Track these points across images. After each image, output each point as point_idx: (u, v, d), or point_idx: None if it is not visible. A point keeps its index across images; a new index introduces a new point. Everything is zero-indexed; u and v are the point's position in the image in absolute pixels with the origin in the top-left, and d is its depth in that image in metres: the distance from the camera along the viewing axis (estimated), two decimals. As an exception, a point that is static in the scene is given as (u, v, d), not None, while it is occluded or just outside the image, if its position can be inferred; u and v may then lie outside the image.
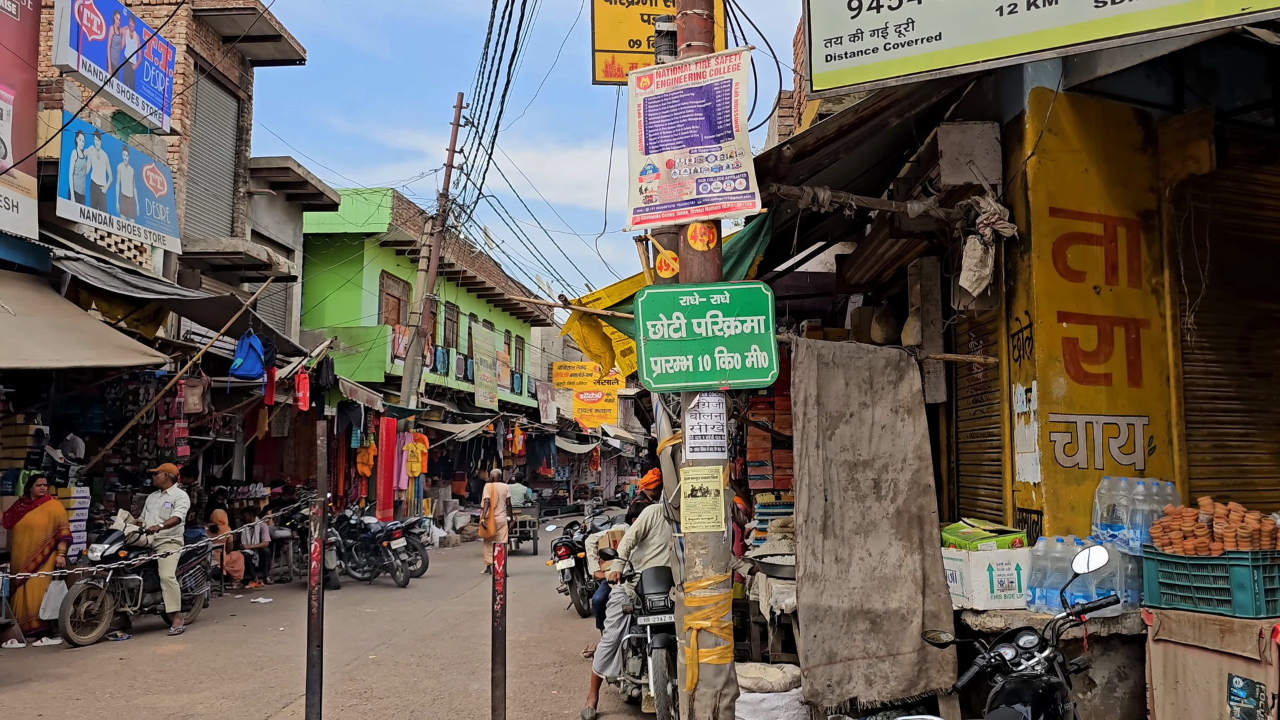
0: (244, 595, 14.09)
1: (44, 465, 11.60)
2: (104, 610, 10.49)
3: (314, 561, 5.77)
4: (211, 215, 18.36)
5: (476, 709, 7.33)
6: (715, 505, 4.76)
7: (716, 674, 4.67)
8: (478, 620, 11.67)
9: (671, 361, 4.85)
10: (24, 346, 10.18)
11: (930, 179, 6.32)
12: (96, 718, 7.01)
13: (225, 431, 16.02)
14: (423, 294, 22.82)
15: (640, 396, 16.74)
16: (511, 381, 33.77)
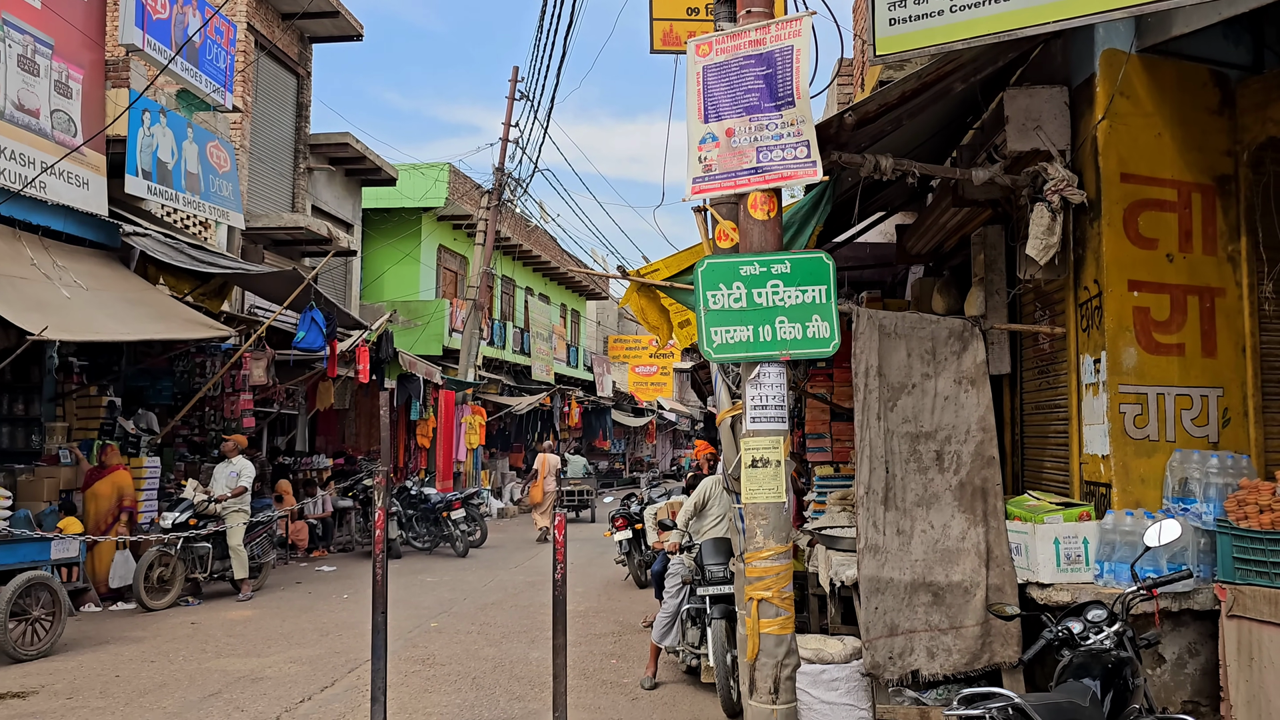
0: (308, 564, 14.40)
1: (116, 436, 11.93)
2: (175, 576, 10.80)
3: (378, 529, 5.87)
4: (273, 191, 18.64)
5: (537, 676, 7.42)
6: (776, 476, 4.74)
7: (778, 644, 4.67)
8: (536, 590, 11.80)
9: (732, 331, 4.82)
10: (96, 320, 10.45)
11: (995, 145, 6.18)
12: (170, 679, 7.23)
13: (289, 404, 16.32)
14: (479, 268, 22.97)
15: (697, 369, 16.72)
16: (567, 355, 33.92)
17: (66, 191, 11.02)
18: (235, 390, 13.77)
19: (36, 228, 10.90)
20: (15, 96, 10.38)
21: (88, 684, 7.09)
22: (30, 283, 10.18)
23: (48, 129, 10.84)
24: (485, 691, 6.98)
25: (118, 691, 6.86)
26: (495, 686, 7.12)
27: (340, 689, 6.99)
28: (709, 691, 6.97)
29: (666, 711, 6.55)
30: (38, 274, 10.42)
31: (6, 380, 11.77)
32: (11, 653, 7.79)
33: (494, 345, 26.25)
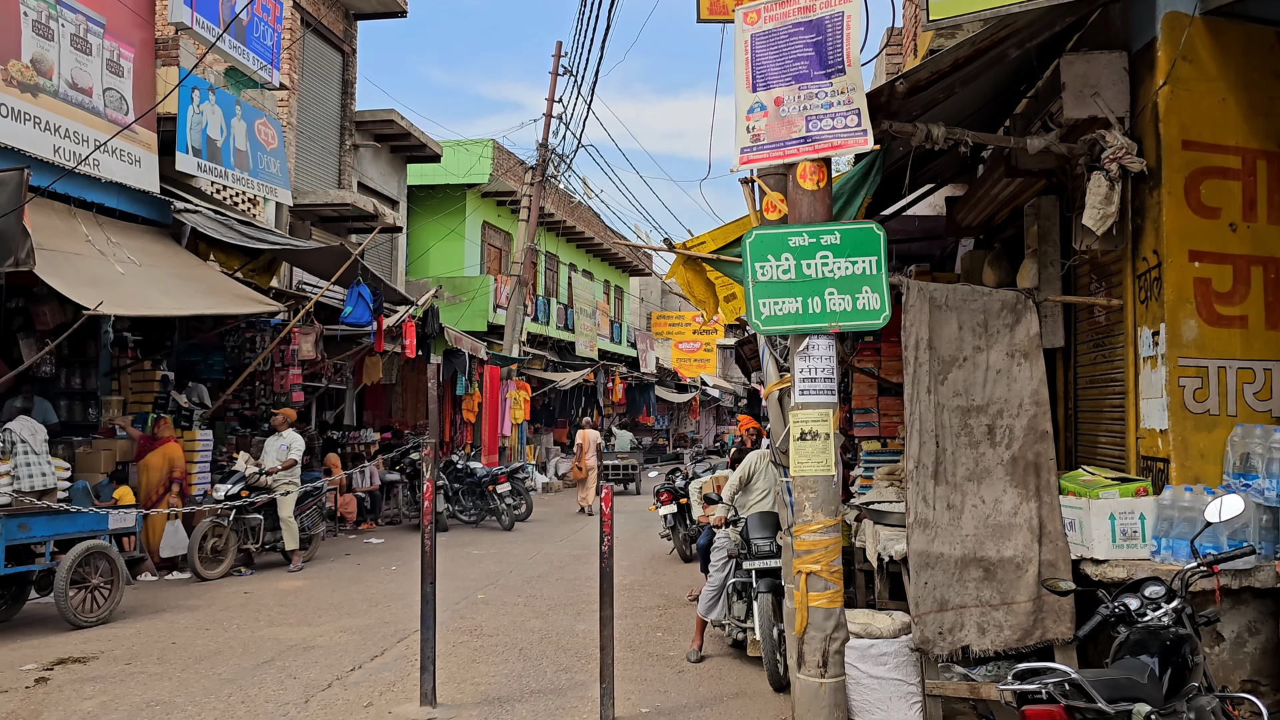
0: (357, 536, 14.61)
1: (169, 409, 12.15)
2: (228, 547, 11.01)
3: (426, 501, 5.92)
4: (319, 168, 18.79)
5: (583, 648, 7.47)
6: (825, 449, 4.69)
7: (826, 618, 4.64)
8: (581, 563, 11.87)
9: (780, 303, 4.77)
10: (149, 296, 10.62)
11: (1051, 114, 6.04)
12: (225, 646, 7.38)
13: (337, 378, 16.52)
14: (524, 244, 23.02)
15: (741, 345, 16.64)
16: (611, 331, 33.95)
17: (119, 169, 11.19)
18: (284, 365, 13.95)
19: (91, 205, 11.09)
20: (69, 75, 10.54)
21: (145, 650, 7.26)
22: (85, 259, 10.36)
23: (100, 107, 11.00)
24: (532, 662, 7.04)
25: (174, 658, 7.01)
26: (542, 657, 7.18)
27: (390, 658, 7.09)
28: (755, 665, 6.97)
29: (712, 685, 6.55)
30: (92, 250, 10.61)
31: (64, 355, 12.03)
32: (72, 619, 7.99)
33: (538, 321, 26.35)
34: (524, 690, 6.30)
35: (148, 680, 6.39)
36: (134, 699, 5.95)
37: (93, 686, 6.23)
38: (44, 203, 10.40)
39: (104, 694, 6.06)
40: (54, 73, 10.34)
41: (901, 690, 5.47)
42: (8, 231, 9.22)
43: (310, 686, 6.26)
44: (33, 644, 7.50)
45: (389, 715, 5.69)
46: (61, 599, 7.90)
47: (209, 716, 5.63)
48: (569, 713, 5.84)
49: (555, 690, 6.32)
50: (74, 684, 6.31)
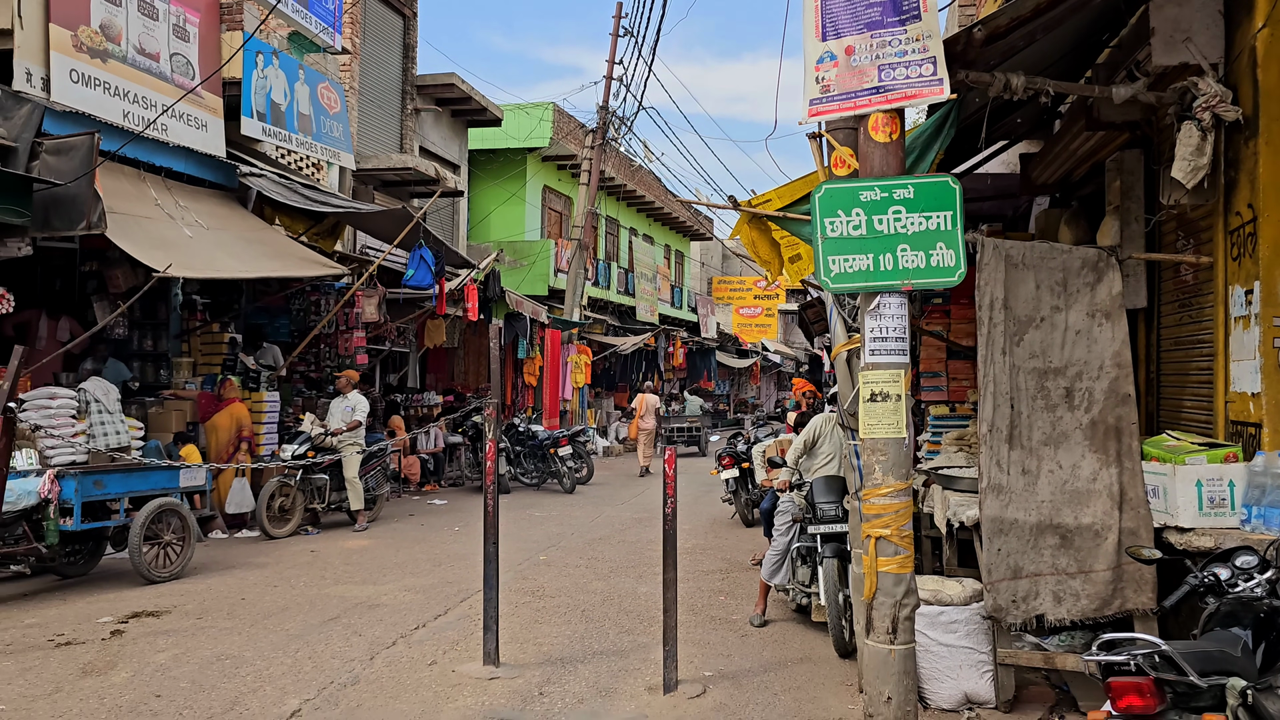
0: (420, 497, 14.78)
1: (237, 371, 12.35)
2: (295, 506, 11.19)
3: (488, 461, 5.90)
4: (381, 132, 18.86)
5: (645, 610, 7.44)
6: (896, 410, 4.55)
7: (896, 583, 4.52)
8: (643, 526, 11.85)
9: (851, 260, 4.62)
10: (216, 259, 10.75)
11: (1137, 61, 5.74)
12: (292, 603, 7.49)
13: (400, 342, 16.66)
14: (584, 208, 22.93)
15: (805, 309, 16.41)
16: (672, 295, 33.78)
17: (186, 133, 11.31)
18: (349, 328, 14.09)
19: (160, 169, 11.23)
20: (136, 41, 10.65)
21: (215, 605, 7.40)
22: (154, 222, 10.51)
23: (167, 72, 11.10)
24: (594, 624, 7.03)
25: (243, 613, 7.13)
26: (604, 619, 7.16)
27: (453, 617, 7.13)
28: (819, 630, 6.87)
29: (776, 649, 6.48)
30: (161, 214, 10.76)
31: (136, 318, 12.27)
32: (146, 574, 8.18)
33: (598, 286, 26.29)
34: (586, 651, 6.29)
35: (218, 634, 6.51)
36: (205, 652, 6.06)
37: (165, 639, 6.36)
38: (114, 167, 10.55)
39: (176, 647, 6.18)
40: (122, 38, 10.45)
41: (972, 658, 5.35)
42: (80, 195, 9.37)
43: (375, 644, 6.32)
44: (109, 597, 7.69)
45: (452, 673, 5.71)
46: (136, 554, 8.09)
47: (276, 670, 5.71)
48: (631, 674, 5.81)
49: (617, 652, 6.29)
50: (147, 636, 6.44)
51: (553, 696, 5.36)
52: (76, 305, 11.88)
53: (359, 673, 5.69)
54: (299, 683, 5.49)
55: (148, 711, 4.99)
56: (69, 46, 9.72)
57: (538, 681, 5.60)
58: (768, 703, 5.37)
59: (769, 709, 5.28)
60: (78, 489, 7.81)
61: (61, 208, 9.38)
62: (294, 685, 5.44)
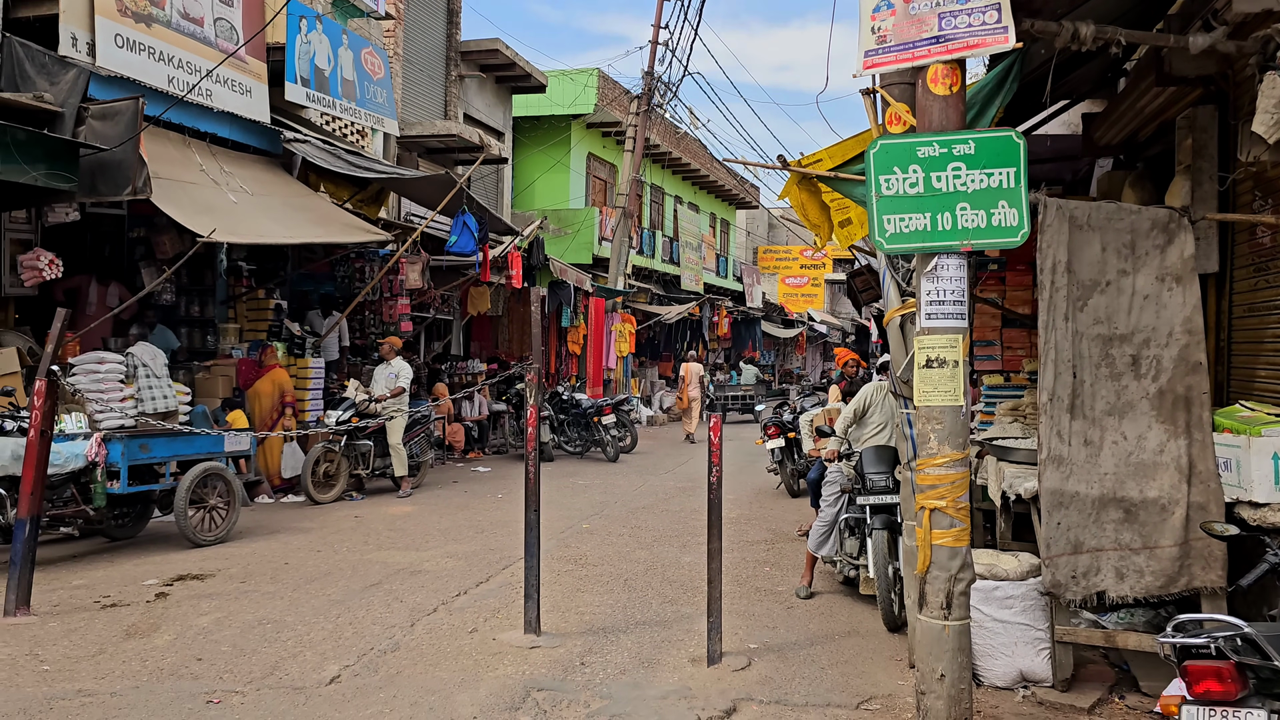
0: (464, 464, 14.79)
1: (283, 337, 12.38)
2: (340, 472, 11.22)
3: (530, 427, 5.78)
4: (425, 99, 18.76)
5: (689, 580, 7.32)
6: (953, 377, 4.35)
7: (951, 557, 4.33)
8: (687, 496, 11.73)
9: (907, 220, 4.40)
10: (261, 224, 10.74)
11: (1214, 10, 5.42)
12: (335, 568, 7.47)
13: (443, 309, 16.63)
14: (629, 175, 22.69)
15: (853, 277, 16.08)
16: (716, 265, 33.47)
17: (231, 99, 11.28)
18: (393, 295, 14.07)
19: (204, 135, 11.22)
20: (180, 5, 10.60)
21: (259, 569, 7.40)
22: (200, 188, 10.51)
23: (211, 37, 11.05)
24: (637, 593, 6.92)
25: (287, 578, 7.13)
26: (647, 589, 7.06)
27: (495, 585, 7.07)
28: (867, 603, 6.71)
29: (823, 622, 6.33)
30: (206, 179, 10.75)
31: (183, 284, 12.34)
32: (191, 538, 8.22)
33: (643, 254, 26.09)
34: (628, 621, 6.18)
35: (261, 598, 6.50)
36: (247, 616, 6.05)
37: (209, 603, 6.37)
38: (159, 132, 10.55)
39: (219, 610, 6.18)
40: (166, 3, 10.40)
41: (1028, 635, 5.16)
42: (125, 160, 9.37)
43: (416, 610, 6.27)
44: (155, 560, 7.73)
45: (493, 641, 5.64)
46: (181, 518, 8.13)
47: (318, 635, 5.68)
48: (674, 645, 5.70)
49: (660, 622, 6.19)
50: (191, 600, 6.46)
51: (594, 667, 5.26)
52: (125, 271, 11.96)
53: (399, 639, 5.64)
54: (339, 648, 5.45)
55: (188, 674, 4.98)
56: (114, 11, 9.68)
57: (579, 651, 5.51)
58: (814, 677, 5.23)
59: (815, 683, 5.14)
60: (124, 452, 7.84)
61: (107, 173, 9.39)
62: (334, 650, 5.40)
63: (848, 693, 5.01)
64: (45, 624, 5.85)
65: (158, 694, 4.71)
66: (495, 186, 21.81)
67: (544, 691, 4.86)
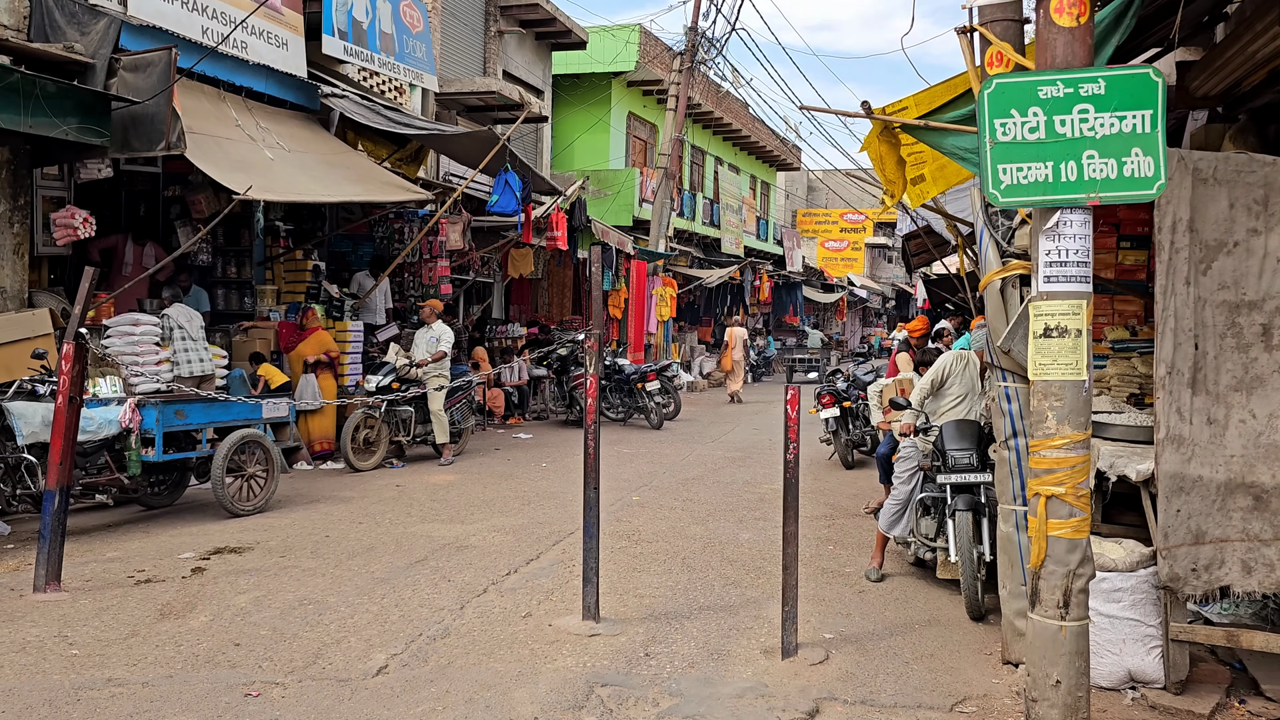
0: (505, 430, 14.45)
1: (321, 299, 12.04)
2: (380, 439, 10.90)
3: (589, 398, 5.36)
4: (464, 55, 18.27)
5: (749, 559, 6.91)
6: (1075, 348, 3.85)
7: (1070, 550, 3.87)
8: (737, 466, 11.31)
9: (1025, 170, 3.89)
10: (298, 182, 10.35)
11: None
12: (378, 542, 7.13)
13: (484, 271, 16.23)
14: (670, 135, 22.08)
15: (908, 240, 15.48)
16: (757, 227, 32.81)
17: (267, 51, 10.86)
18: (433, 257, 13.69)
19: (240, 89, 10.83)
20: (214, -49, 10.16)
21: (299, 543, 7.08)
22: (235, 143, 10.13)
23: (246, -15, 10.62)
24: (697, 574, 6.52)
25: (328, 552, 6.79)
26: (707, 569, 6.65)
27: (546, 562, 6.69)
28: (944, 588, 6.27)
29: (900, 609, 5.89)
30: (242, 135, 10.36)
31: (220, 244, 12.02)
32: (230, 507, 7.91)
33: (683, 217, 25.50)
34: (691, 606, 5.78)
35: (301, 575, 6.16)
36: (287, 595, 5.71)
37: (247, 580, 6.03)
38: (194, 86, 10.17)
39: (258, 588, 5.85)
40: (199, -52, 9.97)
41: (1138, 632, 4.68)
42: (158, 114, 9.00)
43: (465, 591, 5.90)
44: (191, 531, 7.43)
45: (549, 628, 5.25)
46: (218, 486, 7.82)
47: (362, 619, 5.32)
48: (744, 634, 5.29)
49: (726, 607, 5.78)
50: (229, 576, 6.13)
51: (660, 658, 4.86)
52: (160, 231, 11.64)
53: (449, 624, 5.27)
54: (385, 634, 5.09)
55: (225, 662, 4.63)
56: (145, -44, 9.27)
57: (642, 640, 5.11)
58: (899, 673, 4.80)
59: (901, 680, 4.71)
60: (159, 419, 7.51)
61: (140, 127, 9.04)
62: (380, 637, 5.04)
63: (938, 692, 4.58)
64: (76, 601, 5.54)
65: (193, 684, 4.37)
66: (534, 147, 21.31)
67: (608, 687, 4.47)
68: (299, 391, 10.85)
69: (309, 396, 10.87)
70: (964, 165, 5.50)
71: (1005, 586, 4.93)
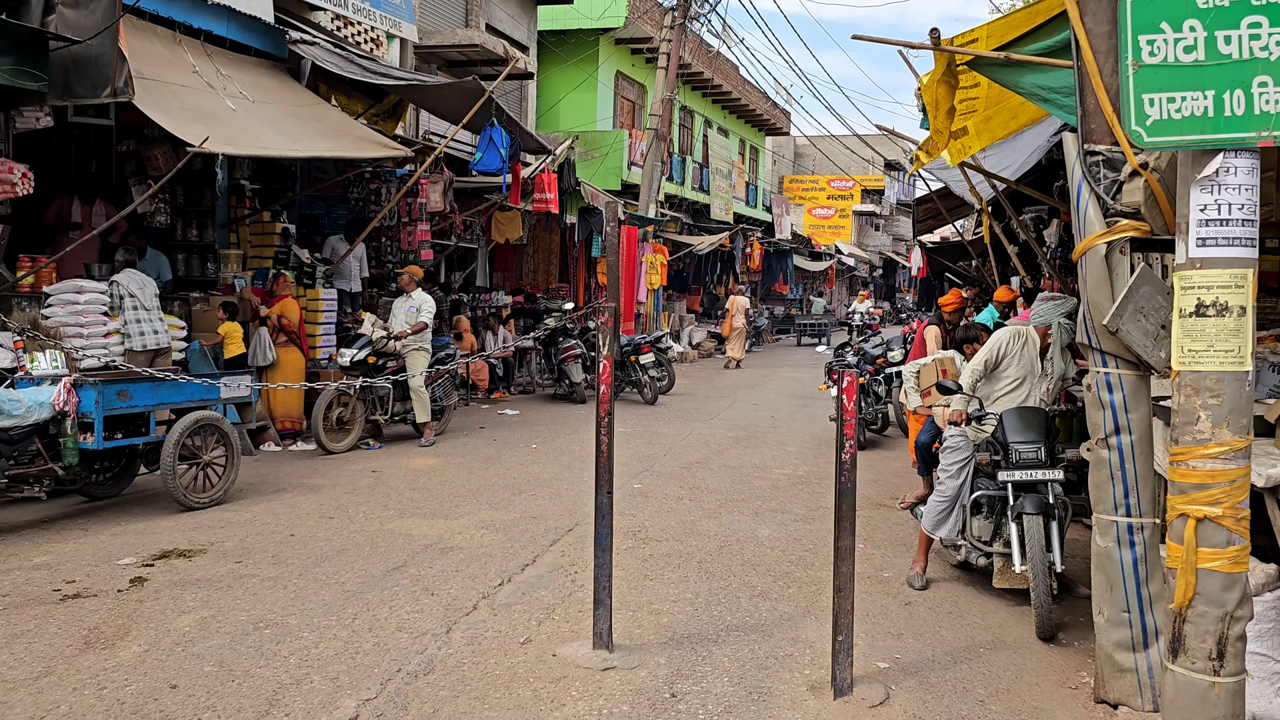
0: (490, 406, 13.59)
1: (291, 265, 11.09)
2: (355, 417, 10.01)
3: (603, 386, 4.49)
4: (444, 6, 17.22)
5: (773, 563, 6.10)
6: (1238, 330, 3.02)
7: (1227, 587, 3.06)
8: (742, 447, 10.50)
9: (1179, 101, 3.03)
10: (263, 135, 9.37)
11: None
12: (350, 543, 6.26)
13: (467, 236, 15.26)
14: (661, 94, 21.06)
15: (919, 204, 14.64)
16: (746, 193, 31.87)
17: (227, -11, 9.84)
18: (412, 220, 12.72)
19: (198, 32, 9.80)
20: (166, -125, 9.10)
21: (260, 543, 6.20)
22: (192, 91, 9.13)
23: (203, -86, 9.58)
24: (717, 581, 5.70)
25: (291, 557, 5.91)
26: (728, 575, 5.83)
27: (544, 568, 5.85)
28: (1002, 599, 5.49)
29: (955, 626, 5.09)
30: (200, 82, 9.36)
31: (180, 204, 11.02)
32: (182, 500, 7.01)
33: (672, 181, 24.53)
34: (716, 626, 4.96)
35: (259, 588, 5.30)
36: (240, 615, 4.83)
37: (194, 594, 5.16)
38: (144, 26, 9.17)
39: (206, 605, 4.97)
40: None
41: (1264, 669, 3.89)
42: (102, 55, 8.04)
43: (451, 608, 5.05)
44: (137, 528, 6.54)
45: (553, 659, 4.41)
46: (169, 476, 6.91)
47: (329, 649, 4.45)
48: (783, 664, 4.47)
49: (756, 627, 4.96)
50: (174, 588, 5.25)
51: (689, 699, 4.03)
52: (115, 191, 10.63)
53: (433, 655, 4.42)
54: (356, 670, 4.23)
55: (156, 713, 3.76)
56: (84, -125, 8.22)
57: (665, 675, 4.28)
58: (975, 716, 4.00)
59: (979, 726, 3.91)
60: (99, 400, 6.58)
61: (83, 71, 8.08)
62: (350, 674, 4.18)
63: (1027, 743, 3.78)
64: (-12, 622, 4.66)
65: (114, 744, 3.51)
66: (519, 105, 20.28)
67: (630, 743, 3.65)
68: (253, 348, 9.93)
69: (259, 354, 9.94)
70: (1047, 108, 4.65)
71: (1102, 612, 4.12)
